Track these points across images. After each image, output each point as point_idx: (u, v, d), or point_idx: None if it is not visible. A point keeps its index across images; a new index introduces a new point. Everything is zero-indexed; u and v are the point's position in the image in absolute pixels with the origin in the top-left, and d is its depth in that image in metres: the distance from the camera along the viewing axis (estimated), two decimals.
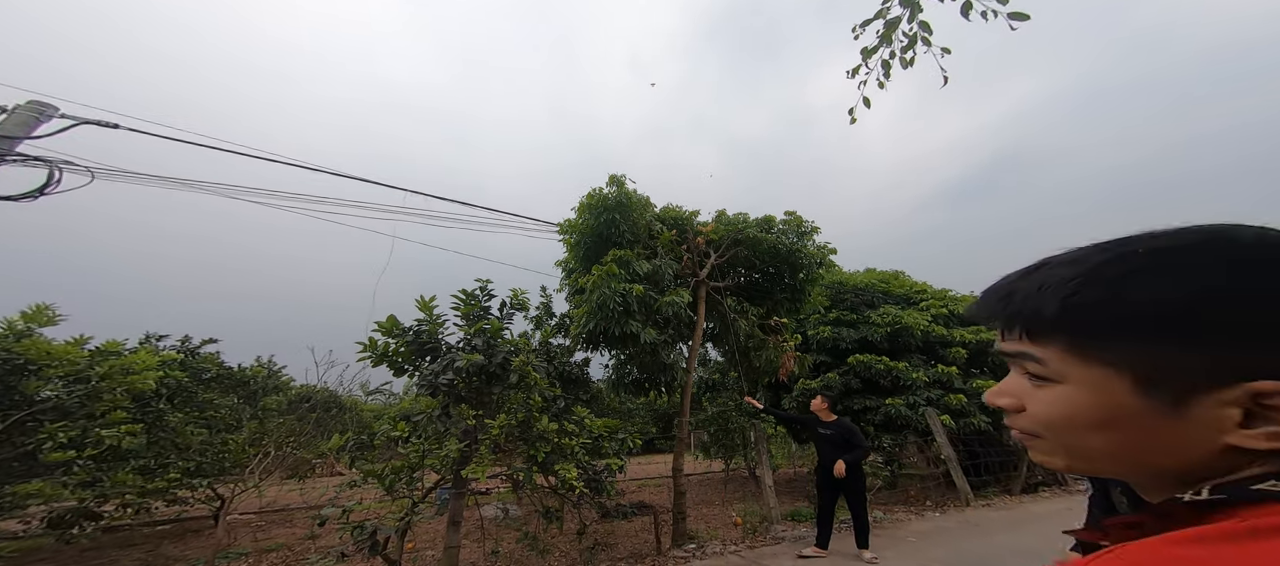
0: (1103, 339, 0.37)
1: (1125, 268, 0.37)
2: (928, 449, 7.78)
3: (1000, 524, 5.57)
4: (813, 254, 6.83)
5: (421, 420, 3.91)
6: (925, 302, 9.56)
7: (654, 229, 6.30)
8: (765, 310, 6.92)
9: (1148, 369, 0.35)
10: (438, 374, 3.93)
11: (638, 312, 5.17)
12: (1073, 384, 0.38)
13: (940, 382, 7.99)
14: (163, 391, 5.84)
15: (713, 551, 4.73)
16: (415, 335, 4.28)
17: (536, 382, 4.14)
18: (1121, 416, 0.36)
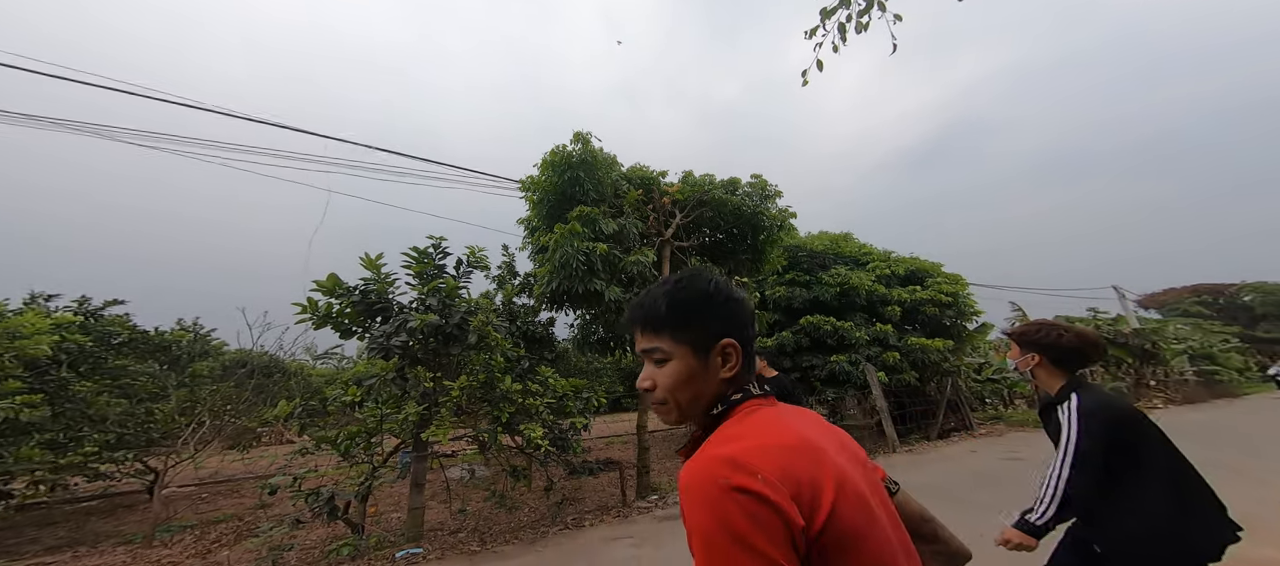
0: (682, 326, 0.69)
1: (681, 287, 0.71)
2: (865, 401, 8.49)
3: (917, 464, 6.25)
4: (774, 217, 6.92)
5: (375, 384, 3.67)
6: (871, 264, 10.10)
7: (620, 188, 6.08)
8: (727, 270, 7.01)
9: (697, 340, 0.68)
10: (390, 335, 3.65)
11: (602, 271, 5.04)
12: (676, 359, 0.69)
13: (878, 341, 8.61)
14: (62, 357, 5.08)
15: (673, 501, 4.94)
16: (362, 295, 3.93)
17: (498, 343, 3.97)
18: (693, 373, 0.68)
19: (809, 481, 0.53)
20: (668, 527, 4.15)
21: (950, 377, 9.33)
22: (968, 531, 3.35)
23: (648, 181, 6.51)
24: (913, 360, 8.59)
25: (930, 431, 8.63)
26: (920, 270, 10.45)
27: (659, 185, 6.56)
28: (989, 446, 7.56)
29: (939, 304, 9.43)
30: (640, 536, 3.96)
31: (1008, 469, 5.89)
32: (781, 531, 0.48)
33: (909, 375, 8.37)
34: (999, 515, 3.59)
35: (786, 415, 0.65)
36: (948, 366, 9.20)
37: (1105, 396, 1.70)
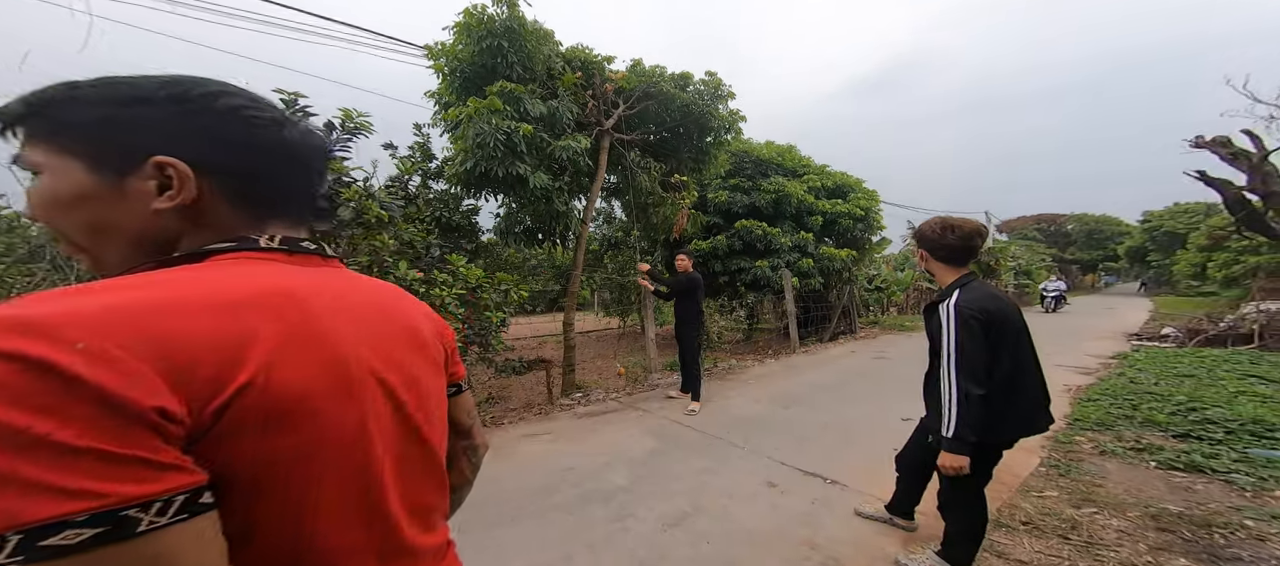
0: (59, 129, 0.44)
1: (78, 87, 0.45)
2: (778, 305, 9.09)
3: (810, 365, 6.97)
4: (724, 118, 6.25)
5: None
6: (807, 175, 10.09)
7: (554, 67, 4.82)
8: (669, 168, 6.38)
9: (94, 150, 0.44)
10: None
11: (526, 154, 4.13)
12: (48, 172, 0.44)
13: (799, 248, 8.95)
14: None
15: (596, 398, 4.93)
16: None
17: (382, 220, 3.12)
18: (85, 196, 0.44)
19: (216, 346, 0.37)
20: (588, 424, 4.13)
21: (849, 286, 10.28)
22: (843, 418, 3.58)
23: (589, 65, 5.28)
24: (822, 267, 9.17)
25: (824, 334, 9.69)
26: (846, 185, 10.69)
27: (602, 71, 5.38)
28: (866, 347, 8.71)
29: (854, 217, 9.89)
30: (558, 432, 3.89)
31: (876, 366, 6.80)
32: (64, 402, 0.30)
33: (816, 281, 8.98)
34: (901, 419, 4.00)
35: (275, 274, 0.46)
36: (848, 276, 10.05)
37: (983, 295, 1.69)
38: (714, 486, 2.94)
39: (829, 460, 3.37)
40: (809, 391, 5.30)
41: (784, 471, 3.19)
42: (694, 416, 4.39)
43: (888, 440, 3.74)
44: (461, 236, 5.06)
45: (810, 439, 3.78)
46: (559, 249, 5.96)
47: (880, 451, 3.51)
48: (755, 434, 3.90)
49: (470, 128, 3.80)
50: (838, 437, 3.80)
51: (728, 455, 3.46)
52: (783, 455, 3.46)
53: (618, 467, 3.21)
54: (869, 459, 3.37)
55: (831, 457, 3.41)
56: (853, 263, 9.75)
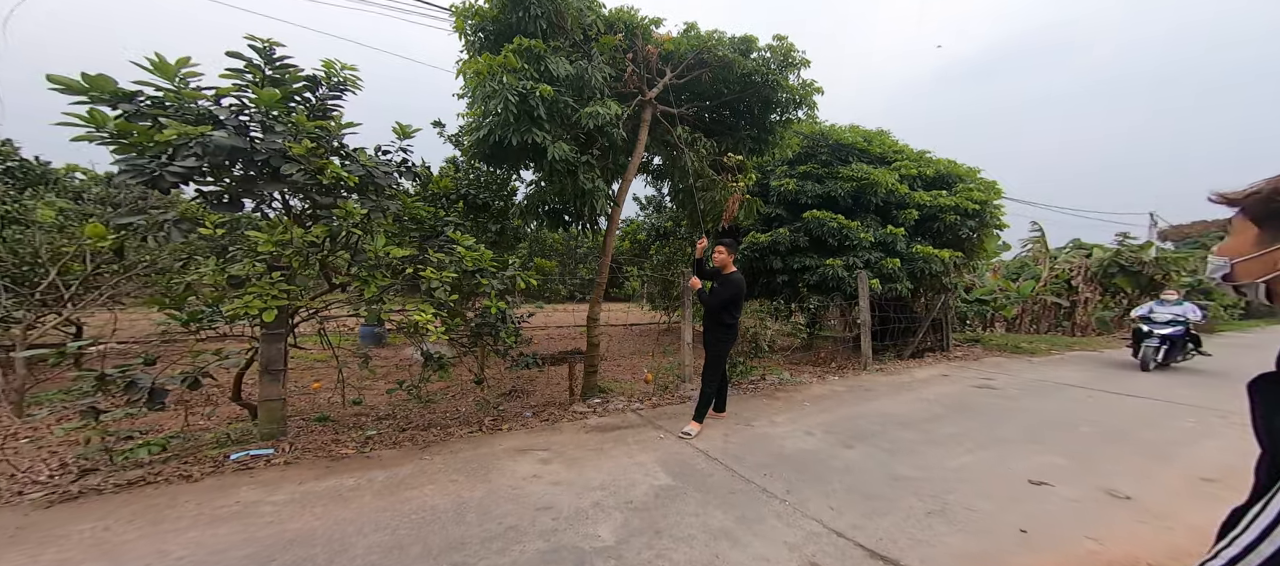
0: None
1: None
2: (848, 311, 7.53)
3: (885, 388, 5.47)
4: (794, 90, 5.04)
5: (135, 224, 2.42)
6: (900, 163, 8.25)
7: (589, 27, 4.07)
8: (724, 148, 5.34)
9: None
10: (164, 160, 2.27)
11: (546, 121, 3.46)
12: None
13: (883, 244, 7.29)
14: None
15: (615, 408, 4.18)
16: (156, 104, 2.44)
17: (343, 181, 2.62)
18: None
19: None
20: (595, 441, 3.40)
21: (945, 294, 8.25)
22: (932, 469, 1.69)
23: (633, 27, 4.45)
24: (913, 270, 7.38)
25: (905, 350, 7.87)
26: (952, 174, 8.57)
27: (646, 33, 4.54)
28: (963, 371, 6.83)
29: (963, 212, 7.84)
30: (557, 450, 3.21)
31: (982, 399, 5.12)
32: None
33: (904, 286, 7.24)
34: (1028, 482, 2.64)
35: None
36: (947, 281, 8.05)
37: None
38: (733, 563, 2.03)
39: (911, 536, 2.27)
40: (882, 424, 4.02)
41: (837, 547, 2.17)
42: (688, 440, 3.48)
43: (1007, 512, 2.49)
44: (489, 217, 4.60)
45: (881, 497, 2.65)
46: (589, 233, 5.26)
47: (995, 530, 2.30)
48: (803, 481, 2.86)
49: (480, 88, 3.24)
50: (924, 500, 2.62)
51: (760, 511, 2.49)
52: (838, 518, 2.41)
53: (608, 514, 2.43)
54: (976, 540, 2.21)
55: (915, 532, 2.30)
56: (956, 266, 7.76)
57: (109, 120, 2.17)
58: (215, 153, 2.22)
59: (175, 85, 2.42)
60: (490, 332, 3.58)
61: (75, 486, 2.49)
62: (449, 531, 2.23)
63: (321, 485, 2.62)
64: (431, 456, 3.01)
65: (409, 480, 2.70)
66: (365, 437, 3.25)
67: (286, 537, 2.14)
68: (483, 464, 2.93)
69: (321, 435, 3.30)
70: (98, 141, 2.20)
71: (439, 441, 3.26)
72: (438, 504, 2.46)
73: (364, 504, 2.45)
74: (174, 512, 2.32)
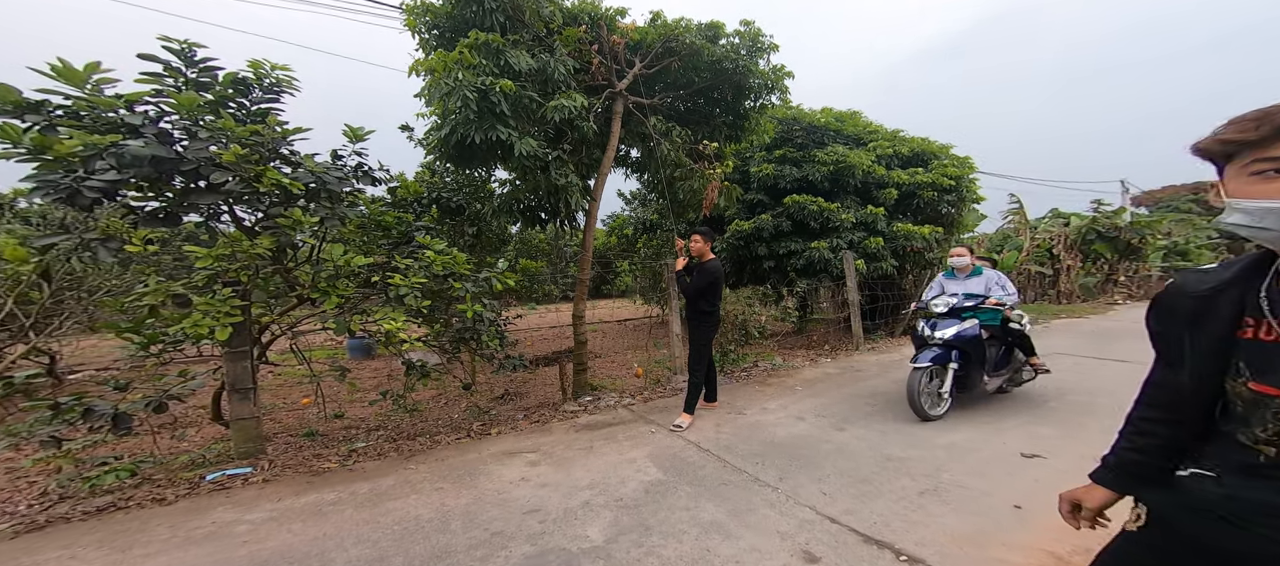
0: None
1: None
2: (838, 293, 7.48)
3: (877, 367, 5.42)
4: (765, 75, 4.95)
5: (60, 244, 2.25)
6: (874, 143, 8.20)
7: (550, 19, 3.92)
8: (699, 137, 5.22)
9: None
10: (81, 175, 2.10)
11: (509, 117, 3.31)
12: None
13: (865, 225, 7.24)
14: None
15: (607, 404, 4.08)
16: (69, 114, 2.25)
17: (286, 189, 2.46)
18: None
19: None
20: (584, 440, 3.30)
21: (930, 269, 8.23)
22: (925, 449, 1.74)
23: (596, 18, 4.30)
24: (896, 248, 7.34)
25: (897, 327, 7.84)
26: (927, 151, 8.54)
27: (611, 24, 4.38)
28: None
29: (940, 188, 7.82)
30: (546, 451, 3.11)
31: None
32: None
33: (888, 264, 7.20)
34: (1020, 455, 2.55)
35: None
36: (930, 256, 8.02)
37: None
38: (725, 557, 1.94)
39: (904, 517, 2.20)
40: (873, 404, 3.97)
41: (832, 533, 2.10)
42: (679, 432, 3.40)
43: (1001, 488, 2.43)
44: (465, 220, 4.45)
45: (875, 480, 2.58)
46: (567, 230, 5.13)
47: (990, 507, 2.24)
48: (795, 467, 2.78)
49: (437, 86, 3.08)
50: (916, 480, 2.56)
51: (752, 501, 2.42)
52: (832, 504, 2.34)
53: (598, 513, 2.33)
54: (971, 519, 2.15)
55: (909, 513, 2.24)
56: (937, 241, 7.73)
57: (21, 135, 2.01)
58: (134, 164, 2.06)
59: (86, 92, 2.24)
60: (472, 337, 3.46)
61: (44, 516, 2.35)
62: (433, 540, 2.13)
63: (301, 501, 2.51)
64: (416, 465, 2.90)
65: (392, 491, 2.59)
66: (350, 451, 3.13)
67: (262, 557, 2.03)
68: (469, 470, 2.82)
69: (305, 451, 3.17)
70: (16, 158, 2.03)
71: (425, 450, 3.15)
72: (421, 513, 2.36)
73: (345, 517, 2.34)
74: (144, 537, 2.20)
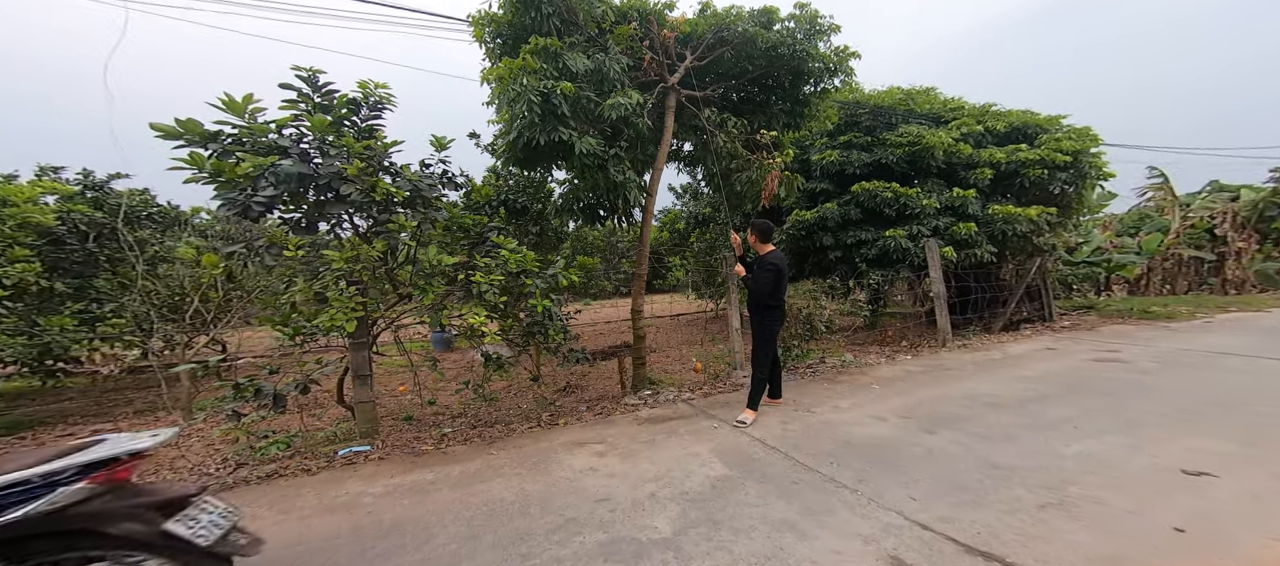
0: None
1: None
2: (918, 285, 6.70)
3: (971, 366, 4.73)
4: (825, 58, 4.64)
5: (237, 253, 2.75)
6: (961, 120, 7.24)
7: (602, 19, 4.05)
8: (756, 126, 5.03)
9: None
10: (250, 192, 2.59)
11: (570, 117, 3.47)
12: None
13: (952, 209, 6.41)
14: (83, 228, 4.90)
15: (666, 399, 4.05)
16: (224, 143, 2.78)
17: (392, 197, 2.78)
18: None
19: None
20: (647, 433, 3.31)
21: (1039, 258, 7.03)
22: (1046, 457, 1.48)
23: (646, 15, 4.36)
24: (993, 233, 6.39)
25: (993, 323, 6.81)
26: (1030, 125, 7.36)
27: (661, 18, 4.41)
28: (1075, 343, 5.75)
29: (1051, 165, 6.67)
30: (611, 442, 3.17)
31: (1106, 374, 4.24)
32: None
33: (984, 251, 6.28)
34: (1181, 472, 2.07)
35: None
36: (1040, 242, 6.86)
37: None
38: (799, 556, 1.82)
39: (1019, 530, 1.90)
40: (971, 407, 3.48)
41: (923, 541, 1.87)
42: (743, 428, 3.25)
43: (1152, 507, 1.99)
44: (528, 220, 4.75)
45: (978, 488, 2.26)
46: (626, 226, 5.21)
47: (1139, 529, 1.85)
48: (876, 470, 2.53)
49: (504, 93, 3.34)
50: (1033, 491, 2.20)
51: (828, 501, 2.24)
52: (923, 510, 2.09)
53: (664, 505, 2.32)
54: (1112, 540, 1.82)
55: (1025, 527, 1.93)
56: (1049, 224, 6.61)
57: (205, 161, 2.56)
58: (286, 180, 2.52)
59: (246, 121, 2.76)
60: (540, 331, 3.66)
61: (231, 478, 2.92)
62: (515, 522, 2.26)
63: (408, 479, 2.81)
64: (496, 451, 3.12)
65: (479, 474, 2.81)
66: (441, 435, 3.47)
67: (383, 527, 2.30)
68: (542, 458, 2.98)
69: (406, 433, 3.58)
70: (201, 181, 2.59)
71: (502, 437, 3.39)
72: (505, 496, 2.52)
73: (442, 496, 2.57)
74: (299, 501, 2.61)
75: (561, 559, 1.93)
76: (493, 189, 4.46)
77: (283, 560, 2.04)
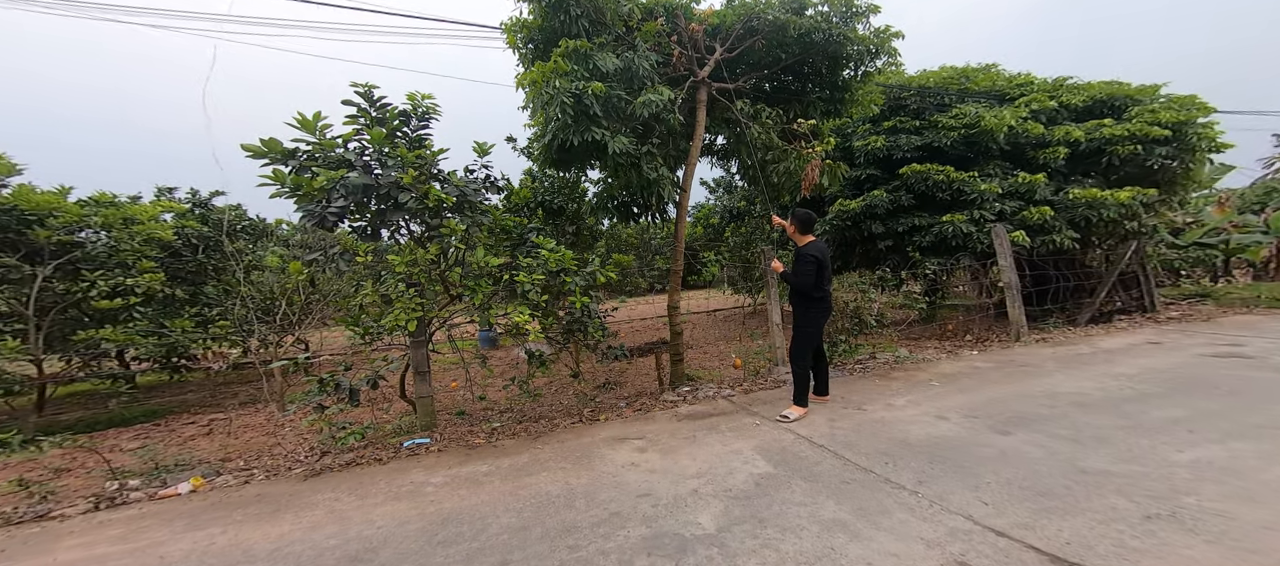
0: None
1: None
2: (984, 274, 6.09)
3: (1051, 363, 4.18)
4: (865, 40, 4.37)
5: (317, 260, 3.05)
6: (1025, 97, 6.53)
7: (629, 17, 4.08)
8: (792, 114, 4.84)
9: None
10: (325, 204, 2.87)
11: (602, 117, 3.52)
12: None
13: (1018, 194, 5.78)
14: (196, 242, 5.73)
15: (705, 395, 3.96)
16: (300, 160, 3.09)
17: (443, 202, 2.96)
18: None
19: None
20: (687, 429, 3.27)
21: (1135, 240, 6.14)
22: (1153, 463, 1.38)
23: (672, 9, 4.34)
24: (1075, 218, 5.67)
25: (1079, 315, 6.02)
26: (1118, 96, 6.49)
27: (687, 11, 4.37)
28: (1185, 337, 4.94)
29: (1145, 140, 5.83)
30: (651, 438, 3.17)
31: (1219, 373, 3.60)
32: None
33: (1062, 236, 5.59)
34: None
35: None
36: (1133, 225, 5.99)
37: None
38: (853, 557, 1.72)
39: (1118, 542, 1.68)
40: (1053, 406, 3.10)
41: (997, 548, 1.70)
42: (786, 424, 3.11)
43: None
44: (565, 219, 4.89)
45: (1065, 495, 2.01)
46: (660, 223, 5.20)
47: (1276, 546, 1.54)
48: (939, 471, 2.32)
49: (538, 96, 3.46)
50: (1135, 501, 1.92)
51: (883, 502, 2.09)
52: (996, 516, 1.89)
53: (707, 502, 2.27)
54: (1239, 557, 1.54)
55: (1126, 538, 1.70)
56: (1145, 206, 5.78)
57: (285, 177, 2.89)
58: (353, 191, 2.78)
59: (317, 137, 3.07)
60: (579, 328, 3.75)
61: (318, 464, 3.24)
62: (562, 515, 2.31)
63: (464, 471, 2.98)
64: (542, 445, 3.22)
65: (527, 467, 2.92)
66: (491, 429, 3.65)
67: (443, 515, 2.44)
68: (585, 452, 3.03)
69: (460, 426, 3.80)
70: (284, 195, 2.93)
71: (547, 432, 3.49)
72: (551, 490, 2.58)
73: (495, 488, 2.68)
74: (373, 489, 2.84)
75: (607, 551, 1.94)
76: (530, 190, 4.65)
77: (364, 539, 2.23)
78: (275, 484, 2.98)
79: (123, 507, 2.78)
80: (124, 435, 4.64)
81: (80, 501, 2.85)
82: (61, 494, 3.02)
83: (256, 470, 3.23)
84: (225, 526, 2.45)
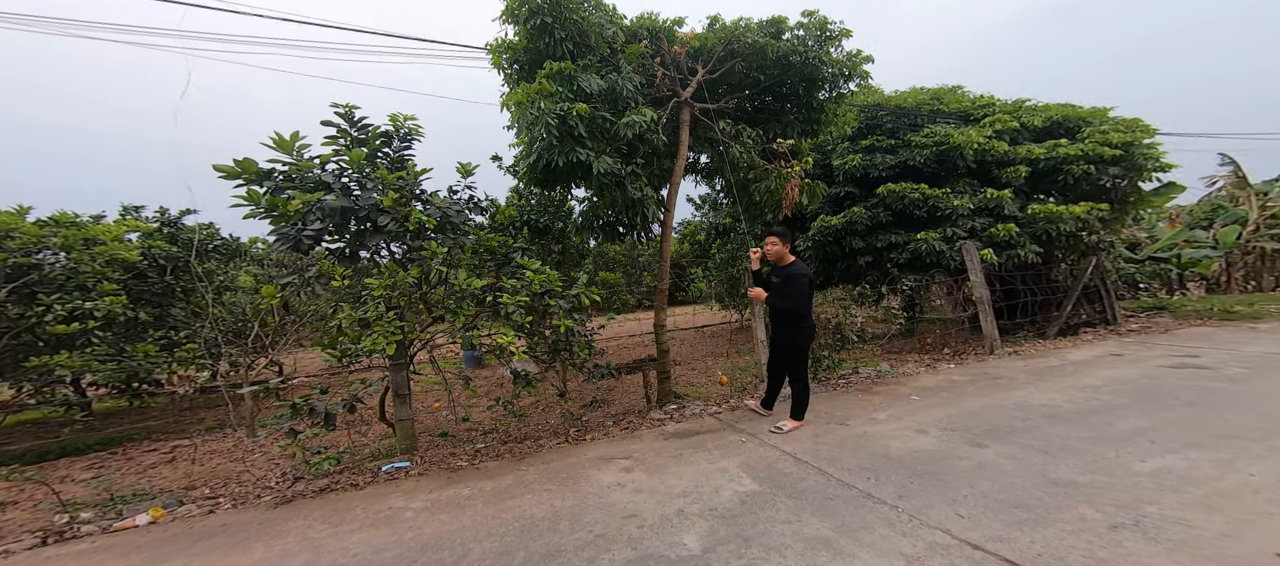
0: None
1: None
2: (958, 289, 6.33)
3: (1022, 375, 4.37)
4: (839, 63, 4.62)
5: (292, 282, 2.98)
6: (989, 117, 6.93)
7: (613, 39, 4.20)
8: (771, 135, 5.02)
9: None
10: (300, 226, 2.82)
11: (587, 138, 3.59)
12: None
13: (988, 210, 6.08)
14: (162, 263, 5.49)
15: (692, 413, 3.97)
16: (275, 180, 3.04)
17: (424, 225, 2.95)
18: None
19: None
20: (674, 447, 3.26)
21: (1095, 255, 6.50)
22: (1117, 473, 1.43)
23: (656, 32, 4.50)
24: (1037, 233, 5.98)
25: (1047, 328, 6.29)
26: (1071, 118, 6.95)
27: (671, 34, 4.54)
28: (1145, 348, 5.21)
29: (1096, 159, 6.24)
30: (638, 457, 3.15)
31: (1179, 383, 3.81)
32: None
33: (1027, 250, 5.89)
34: None
35: None
36: (1092, 239, 6.35)
37: None
38: None
39: (1087, 552, 1.75)
40: (1025, 418, 3.21)
41: (975, 560, 1.75)
42: (779, 435, 3.17)
43: (1253, 529, 1.77)
44: (551, 239, 4.90)
45: (1037, 506, 2.07)
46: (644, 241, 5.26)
47: (1233, 554, 1.65)
48: (919, 485, 2.37)
49: (522, 117, 3.51)
50: (1102, 511, 2.00)
51: (865, 518, 2.12)
52: (972, 529, 1.93)
53: (693, 522, 2.27)
54: (1199, 563, 1.58)
55: (1095, 549, 1.76)
56: (1102, 221, 6.14)
57: (260, 197, 2.83)
58: (330, 214, 2.74)
59: (294, 157, 3.03)
60: (565, 348, 3.73)
61: (290, 491, 3.09)
62: (546, 538, 2.26)
63: (445, 494, 2.88)
64: (526, 467, 3.16)
65: (510, 490, 2.85)
66: (475, 450, 3.56)
67: (423, 541, 2.36)
68: (571, 473, 2.99)
69: (442, 449, 3.70)
70: (258, 216, 2.86)
71: (532, 453, 3.43)
72: (535, 512, 2.53)
73: (477, 512, 2.61)
74: (349, 515, 2.72)
75: None
76: (516, 210, 4.66)
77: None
78: (243, 512, 2.83)
79: (73, 542, 2.60)
80: (77, 464, 4.35)
81: (26, 537, 2.65)
82: (4, 529, 2.81)
83: (222, 498, 3.07)
84: (187, 559, 2.31)
